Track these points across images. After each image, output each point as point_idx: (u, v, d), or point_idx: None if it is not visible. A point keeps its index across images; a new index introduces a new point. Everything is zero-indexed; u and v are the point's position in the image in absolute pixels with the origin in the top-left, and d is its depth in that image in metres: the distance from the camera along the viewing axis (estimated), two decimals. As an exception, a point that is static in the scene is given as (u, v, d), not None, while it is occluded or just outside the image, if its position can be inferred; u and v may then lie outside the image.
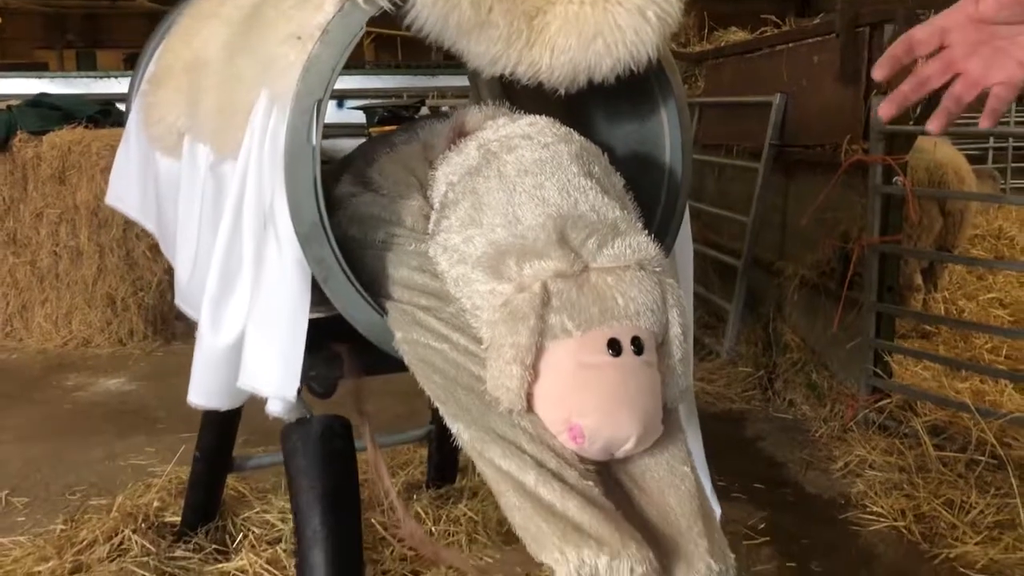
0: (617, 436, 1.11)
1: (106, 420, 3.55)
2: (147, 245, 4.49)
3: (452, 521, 2.55)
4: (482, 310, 1.18)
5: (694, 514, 1.12)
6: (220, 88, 1.51)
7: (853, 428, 3.14)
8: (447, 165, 1.34)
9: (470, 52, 1.25)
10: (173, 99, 1.78)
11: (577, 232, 1.15)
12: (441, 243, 1.26)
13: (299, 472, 1.34)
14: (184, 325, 4.76)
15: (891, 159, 3.03)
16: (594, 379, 1.11)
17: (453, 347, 1.21)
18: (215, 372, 1.42)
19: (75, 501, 2.79)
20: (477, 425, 1.13)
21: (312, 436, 1.35)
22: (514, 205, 1.19)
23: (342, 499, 1.34)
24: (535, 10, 1.23)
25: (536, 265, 1.13)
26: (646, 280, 1.16)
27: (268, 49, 1.27)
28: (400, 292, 1.28)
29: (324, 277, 1.25)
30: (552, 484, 1.07)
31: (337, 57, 1.20)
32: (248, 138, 1.35)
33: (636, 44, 1.23)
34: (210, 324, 1.41)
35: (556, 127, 1.31)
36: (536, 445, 1.11)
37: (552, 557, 1.02)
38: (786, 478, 2.97)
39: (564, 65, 1.24)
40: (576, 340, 1.12)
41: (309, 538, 1.31)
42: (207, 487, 2.33)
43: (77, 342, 4.51)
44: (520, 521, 1.06)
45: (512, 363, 1.11)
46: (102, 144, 4.39)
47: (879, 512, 2.65)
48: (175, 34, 1.92)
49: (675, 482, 1.15)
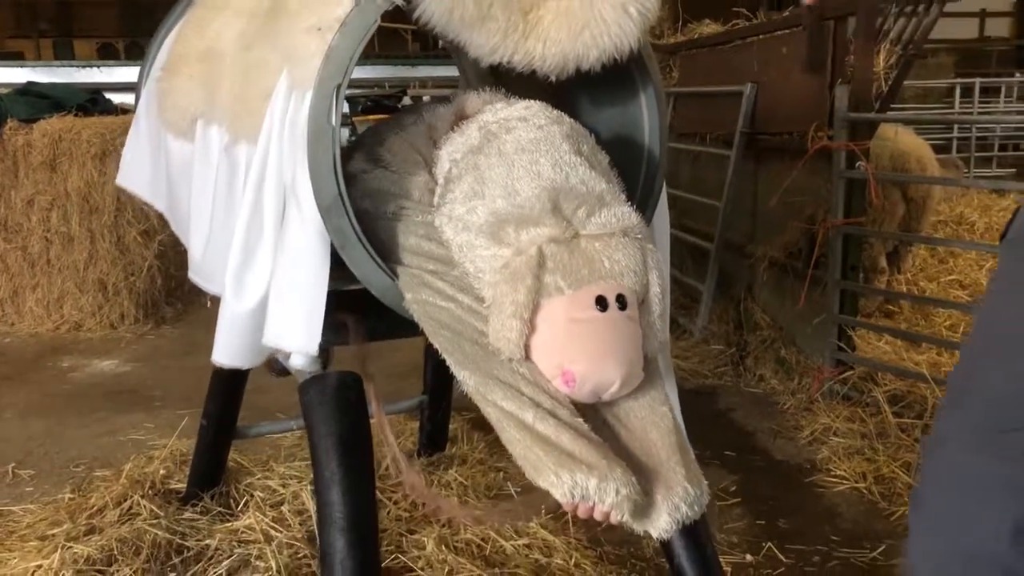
0: (604, 380, 1.27)
1: (104, 399, 3.66)
2: (138, 231, 4.60)
3: (443, 486, 2.70)
4: (484, 272, 1.33)
5: (673, 447, 1.28)
6: (238, 75, 1.65)
7: (819, 399, 3.33)
8: (450, 145, 1.49)
9: (472, 43, 1.40)
10: (187, 86, 1.91)
11: (568, 203, 1.31)
12: (446, 213, 1.41)
13: (317, 421, 1.49)
14: (173, 310, 4.87)
15: (854, 145, 3.21)
16: (584, 331, 1.27)
17: (458, 305, 1.36)
18: (239, 334, 1.57)
19: (80, 473, 2.91)
20: (481, 372, 1.29)
21: (329, 389, 1.50)
22: (512, 179, 1.35)
23: (355, 444, 1.49)
24: (530, 6, 1.38)
25: (532, 232, 1.28)
26: (629, 245, 1.32)
27: (290, 39, 1.42)
28: (409, 258, 1.43)
29: (342, 244, 1.40)
30: (548, 420, 1.23)
31: (354, 47, 1.35)
32: (268, 121, 1.49)
33: (619, 36, 1.39)
34: (234, 291, 1.55)
35: (549, 111, 1.46)
36: (533, 388, 1.27)
37: (549, 480, 1.18)
38: (756, 446, 3.15)
39: (555, 55, 1.40)
40: (568, 297, 1.27)
41: (327, 479, 1.46)
42: (213, 453, 2.47)
43: (69, 326, 4.60)
44: (520, 452, 1.22)
45: (512, 318, 1.27)
46: (92, 132, 4.49)
47: (842, 475, 2.84)
48: (187, 24, 2.05)
49: (656, 420, 1.31)
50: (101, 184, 4.48)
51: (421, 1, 1.34)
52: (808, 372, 3.49)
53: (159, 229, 4.61)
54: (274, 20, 1.53)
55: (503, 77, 1.70)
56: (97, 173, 4.46)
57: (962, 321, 4.00)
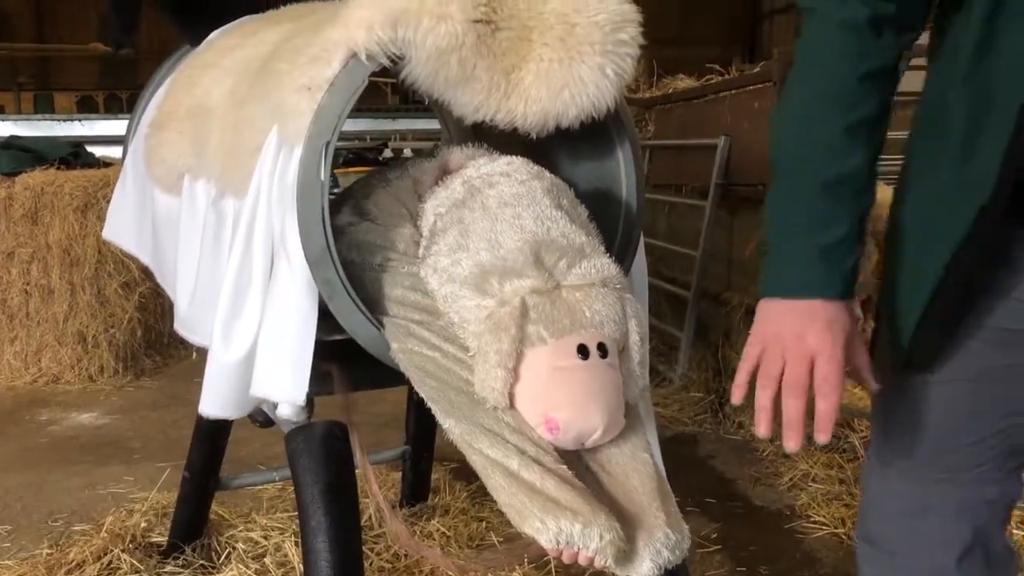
0: (587, 427, 1.31)
1: (83, 451, 3.64)
2: (119, 283, 4.60)
3: (426, 536, 2.71)
4: (469, 322, 1.37)
5: (653, 493, 1.31)
6: (228, 130, 1.70)
7: (797, 446, 3.36)
8: (435, 199, 1.54)
9: (456, 102, 1.45)
10: (176, 141, 1.95)
11: (550, 255, 1.36)
12: (431, 265, 1.45)
13: (304, 470, 1.51)
14: (153, 362, 4.86)
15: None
16: (566, 379, 1.31)
17: (444, 355, 1.39)
18: (226, 384, 1.59)
19: (58, 527, 2.88)
20: (467, 420, 1.32)
21: (315, 438, 1.52)
22: (496, 232, 1.39)
23: (342, 493, 1.51)
24: (511, 67, 1.44)
25: (515, 283, 1.32)
26: (609, 295, 1.36)
27: (280, 97, 1.46)
28: (395, 308, 1.47)
29: (330, 296, 1.44)
30: (532, 467, 1.26)
31: (343, 105, 1.40)
32: (257, 175, 1.53)
33: (597, 96, 1.45)
34: (222, 341, 1.58)
35: (530, 166, 1.52)
36: (518, 436, 1.30)
37: (534, 527, 1.20)
38: (736, 492, 3.17)
39: (536, 113, 1.46)
40: (550, 346, 1.31)
41: (313, 528, 1.47)
42: (195, 505, 2.46)
43: (47, 379, 4.57)
44: (506, 499, 1.24)
45: (497, 367, 1.30)
46: (74, 185, 4.51)
47: (821, 521, 2.87)
48: (176, 82, 2.10)
49: (637, 467, 1.34)
50: (82, 237, 4.49)
51: (407, 63, 1.39)
52: (786, 419, 3.53)
53: (140, 281, 4.62)
54: (264, 79, 1.59)
55: (485, 132, 1.76)
56: (79, 226, 4.48)
57: (935, 367, 4.06)
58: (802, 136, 1.14)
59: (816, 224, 1.11)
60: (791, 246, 1.13)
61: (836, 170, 1.11)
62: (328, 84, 1.39)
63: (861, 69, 1.10)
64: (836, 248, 1.11)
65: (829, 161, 1.11)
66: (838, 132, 1.11)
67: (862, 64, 1.10)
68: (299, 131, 1.41)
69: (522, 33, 1.43)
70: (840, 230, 1.11)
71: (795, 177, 1.14)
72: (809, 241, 1.11)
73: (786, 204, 1.14)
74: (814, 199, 1.11)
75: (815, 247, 1.10)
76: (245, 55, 1.86)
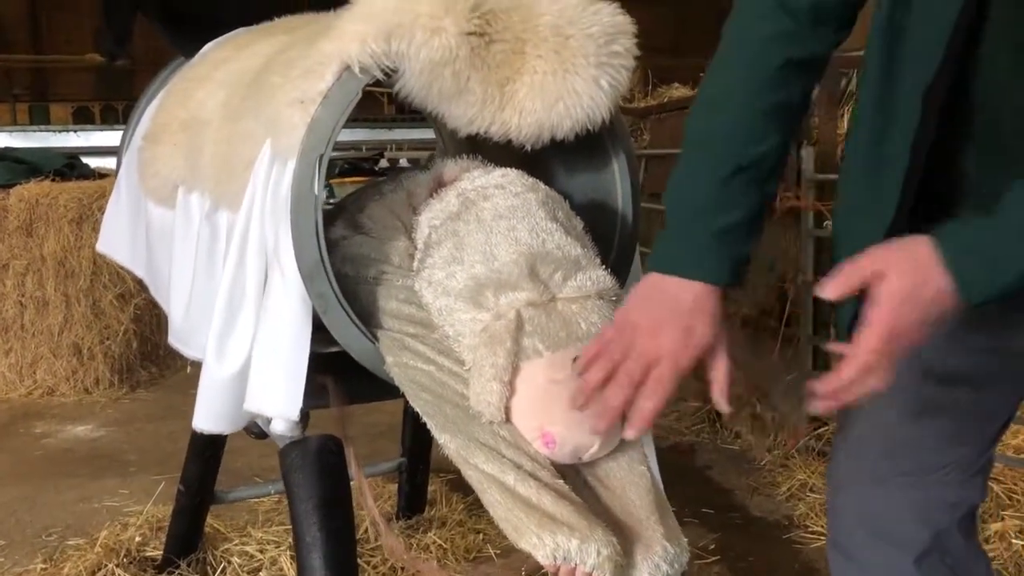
0: (583, 441, 1.30)
1: (78, 464, 3.62)
2: (114, 295, 4.58)
3: (422, 549, 2.69)
4: (464, 336, 1.36)
5: (651, 506, 1.30)
6: (222, 143, 1.69)
7: (795, 455, 3.36)
8: (429, 211, 1.53)
9: (450, 115, 1.45)
10: (170, 154, 1.95)
11: (545, 267, 1.35)
12: (426, 278, 1.44)
13: (298, 485, 1.50)
14: (149, 373, 4.84)
15: (821, 205, 3.30)
16: (563, 392, 1.29)
17: (439, 368, 1.38)
18: (220, 399, 1.57)
19: (52, 542, 2.87)
20: (462, 435, 1.31)
21: (310, 452, 1.51)
22: (491, 245, 1.38)
23: (337, 508, 1.49)
24: (505, 79, 1.43)
25: (511, 296, 1.32)
26: (605, 308, 1.35)
27: (273, 110, 1.46)
28: (390, 322, 1.46)
29: (324, 309, 1.43)
30: (529, 482, 1.25)
31: (336, 118, 1.39)
32: (251, 188, 1.52)
33: (591, 108, 1.44)
34: (215, 355, 1.56)
35: (525, 178, 1.51)
36: (514, 450, 1.29)
37: (531, 543, 1.19)
38: (734, 503, 3.16)
39: (531, 126, 1.45)
40: (546, 359, 1.30)
41: (308, 544, 1.46)
42: (190, 519, 2.45)
43: (42, 391, 4.55)
44: (502, 514, 1.23)
45: (492, 381, 1.29)
46: (69, 196, 4.50)
47: (819, 531, 2.85)
48: (170, 95, 2.09)
49: (634, 480, 1.33)
50: (77, 248, 4.48)
51: (401, 75, 1.39)
52: (783, 428, 3.53)
53: (135, 292, 4.61)
54: (257, 92, 1.58)
55: (480, 144, 1.75)
56: (74, 237, 4.46)
57: (933, 375, 4.06)
58: (718, 113, 1.13)
59: (715, 205, 1.10)
60: (686, 225, 1.13)
61: (747, 153, 1.10)
62: (321, 97, 1.39)
63: (792, 54, 1.10)
64: (731, 232, 1.11)
65: (741, 143, 1.10)
66: (756, 114, 1.10)
67: (794, 49, 1.10)
68: (292, 145, 1.41)
69: (516, 45, 1.42)
70: (738, 214, 1.11)
71: (703, 153, 1.13)
72: (705, 222, 1.10)
73: (689, 181, 1.14)
74: (717, 180, 1.11)
75: (710, 229, 1.10)
76: (239, 67, 1.85)
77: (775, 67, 1.10)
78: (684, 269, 1.12)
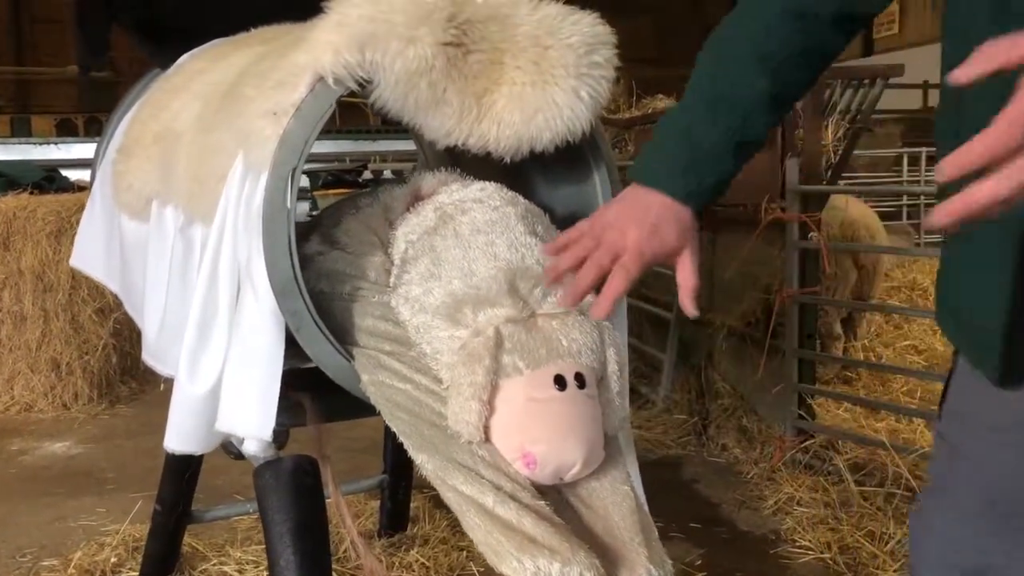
0: (565, 461, 1.26)
1: (54, 483, 3.55)
2: (93, 309, 4.52)
3: (405, 567, 2.65)
4: (442, 353, 1.32)
5: (635, 527, 1.27)
6: (195, 156, 1.65)
7: (782, 468, 3.33)
8: (406, 226, 1.49)
9: (427, 126, 1.41)
10: (144, 167, 1.91)
11: (525, 283, 1.31)
12: (403, 295, 1.40)
13: (272, 507, 1.45)
14: (128, 389, 4.78)
15: (806, 217, 3.28)
16: (543, 411, 1.26)
17: (416, 387, 1.35)
18: (192, 418, 1.53)
19: (26, 563, 2.81)
20: (440, 456, 1.27)
21: (284, 473, 1.47)
22: (469, 260, 1.35)
23: (312, 530, 1.45)
24: (483, 90, 1.40)
25: (489, 312, 1.28)
26: (586, 324, 1.32)
27: (246, 122, 1.42)
28: (366, 339, 1.42)
29: (297, 327, 1.39)
30: (508, 504, 1.21)
31: (309, 131, 1.35)
32: (224, 202, 1.48)
33: (571, 119, 1.41)
34: (187, 374, 1.52)
35: (503, 192, 1.48)
36: (493, 471, 1.25)
37: (511, 566, 1.15)
38: (721, 517, 3.13)
39: (509, 137, 1.42)
40: (526, 377, 1.26)
41: (282, 567, 1.41)
42: (167, 539, 2.39)
43: (20, 407, 4.48)
44: (482, 537, 1.19)
45: (470, 400, 1.25)
46: (47, 210, 4.44)
47: (807, 545, 2.82)
48: (144, 107, 2.05)
49: (618, 500, 1.30)
50: (56, 262, 4.42)
51: (376, 86, 1.35)
52: (770, 440, 3.50)
53: (115, 307, 4.54)
54: (230, 104, 1.54)
55: (460, 156, 1.72)
56: (52, 251, 4.40)
57: (919, 387, 4.05)
58: (718, 53, 1.19)
59: (696, 126, 1.16)
60: (665, 142, 1.19)
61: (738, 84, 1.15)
62: (294, 109, 1.35)
63: (800, 8, 1.13)
64: (708, 153, 1.16)
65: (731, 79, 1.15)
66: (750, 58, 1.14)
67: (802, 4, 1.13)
68: (264, 158, 1.37)
69: (494, 56, 1.39)
70: (715, 138, 1.15)
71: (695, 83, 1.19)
72: (685, 142, 1.16)
73: (679, 107, 1.20)
74: (703, 104, 1.17)
75: (688, 148, 1.16)
76: (214, 79, 1.81)
77: (777, 19, 1.14)
78: (656, 182, 1.17)
